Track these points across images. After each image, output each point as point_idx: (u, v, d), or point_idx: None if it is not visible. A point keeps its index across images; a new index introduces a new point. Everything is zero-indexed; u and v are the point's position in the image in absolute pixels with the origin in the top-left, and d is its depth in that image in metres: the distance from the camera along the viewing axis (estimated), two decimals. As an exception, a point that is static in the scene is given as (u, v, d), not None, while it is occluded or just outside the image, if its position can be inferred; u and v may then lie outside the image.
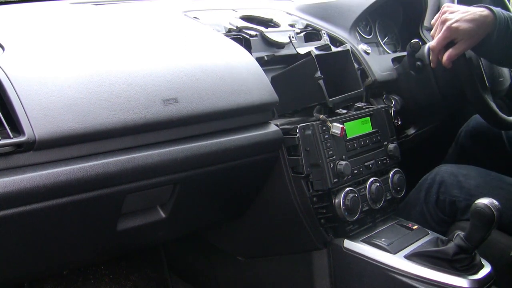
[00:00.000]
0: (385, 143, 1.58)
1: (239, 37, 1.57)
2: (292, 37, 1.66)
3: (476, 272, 1.30)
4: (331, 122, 1.42)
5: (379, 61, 1.81)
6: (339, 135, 1.40)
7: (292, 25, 1.76)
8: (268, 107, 1.42)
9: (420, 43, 1.72)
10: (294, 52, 1.62)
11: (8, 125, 0.99)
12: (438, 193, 1.62)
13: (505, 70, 1.91)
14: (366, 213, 1.49)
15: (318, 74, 1.41)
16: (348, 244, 1.44)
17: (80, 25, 1.43)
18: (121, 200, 1.18)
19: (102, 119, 1.08)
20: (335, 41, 1.80)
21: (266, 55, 1.57)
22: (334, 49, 1.61)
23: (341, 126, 1.40)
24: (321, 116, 1.44)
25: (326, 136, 1.40)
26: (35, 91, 1.04)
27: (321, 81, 1.42)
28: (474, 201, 1.25)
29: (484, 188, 1.56)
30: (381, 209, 1.54)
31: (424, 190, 1.66)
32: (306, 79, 1.45)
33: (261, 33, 1.59)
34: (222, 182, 1.41)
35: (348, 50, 1.55)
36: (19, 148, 0.99)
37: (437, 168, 1.69)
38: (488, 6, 1.49)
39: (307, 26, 1.82)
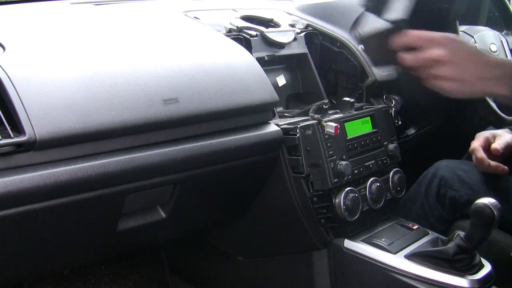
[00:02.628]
0: (385, 143, 1.58)
1: (239, 37, 1.57)
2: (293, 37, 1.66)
3: (476, 272, 1.30)
4: (326, 121, 1.42)
5: (379, 61, 1.81)
6: (333, 134, 1.40)
7: (292, 25, 1.76)
8: (268, 107, 1.41)
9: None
10: (295, 52, 1.62)
11: (9, 125, 0.99)
12: (439, 187, 1.59)
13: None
14: (366, 213, 1.49)
15: None
16: (348, 244, 1.44)
17: (80, 25, 1.43)
18: (121, 200, 1.18)
19: (102, 119, 1.08)
20: (335, 41, 1.80)
21: (267, 55, 1.57)
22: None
23: (335, 125, 1.39)
24: (316, 116, 1.44)
25: (327, 136, 1.40)
26: (35, 91, 1.04)
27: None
28: (476, 196, 1.23)
29: (486, 183, 1.53)
30: (382, 209, 1.53)
31: (424, 184, 1.64)
32: None
33: (262, 33, 1.59)
34: (222, 182, 1.40)
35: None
36: (20, 147, 0.99)
37: (438, 163, 1.65)
38: None
39: (307, 26, 1.82)
